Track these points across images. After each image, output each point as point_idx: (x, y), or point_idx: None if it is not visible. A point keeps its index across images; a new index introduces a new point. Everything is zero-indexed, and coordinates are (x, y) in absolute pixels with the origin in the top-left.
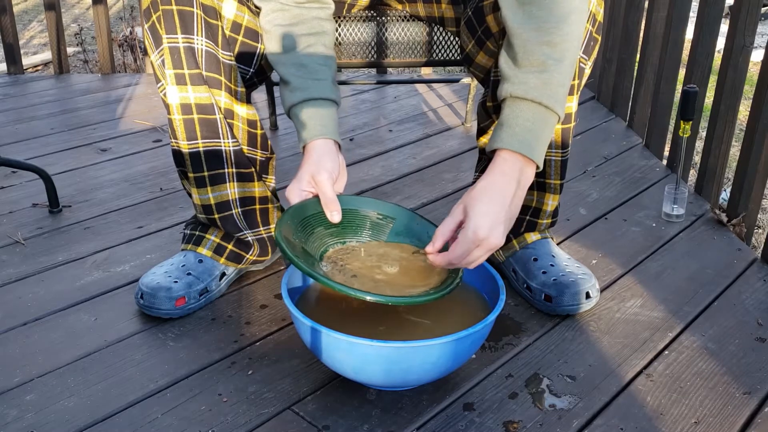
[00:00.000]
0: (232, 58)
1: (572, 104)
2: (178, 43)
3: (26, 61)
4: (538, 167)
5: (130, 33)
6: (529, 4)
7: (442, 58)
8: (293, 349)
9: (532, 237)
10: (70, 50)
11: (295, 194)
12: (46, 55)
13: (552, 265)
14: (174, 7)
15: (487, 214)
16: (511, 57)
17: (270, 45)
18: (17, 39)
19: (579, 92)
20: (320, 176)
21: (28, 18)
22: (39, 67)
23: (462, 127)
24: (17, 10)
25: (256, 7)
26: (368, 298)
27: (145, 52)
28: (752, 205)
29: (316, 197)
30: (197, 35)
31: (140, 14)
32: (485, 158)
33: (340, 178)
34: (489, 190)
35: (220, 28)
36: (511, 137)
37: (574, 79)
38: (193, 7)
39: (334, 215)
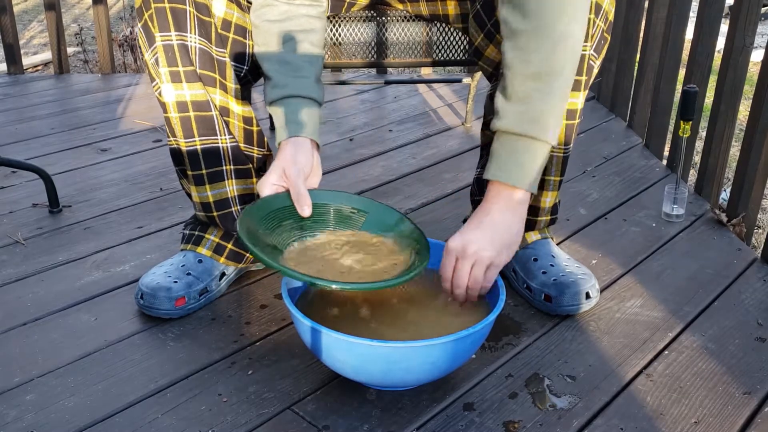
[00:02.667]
0: (226, 55)
1: (577, 100)
2: (171, 40)
3: (26, 61)
4: (531, 193)
5: (130, 33)
6: (519, 34)
7: (442, 58)
8: (293, 349)
9: (532, 237)
10: (70, 50)
11: (266, 187)
12: (46, 55)
13: (552, 265)
14: (167, 5)
15: (461, 232)
16: (502, 89)
17: (257, 39)
18: (17, 39)
19: (586, 89)
20: (291, 170)
21: (28, 18)
22: (39, 67)
23: (462, 127)
24: (17, 10)
25: (248, 1)
26: (333, 286)
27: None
28: (752, 205)
29: (287, 191)
30: (190, 33)
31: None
32: (486, 153)
33: (313, 174)
34: (471, 218)
35: (213, 26)
36: (497, 169)
37: (581, 75)
38: (185, 5)
39: (305, 209)
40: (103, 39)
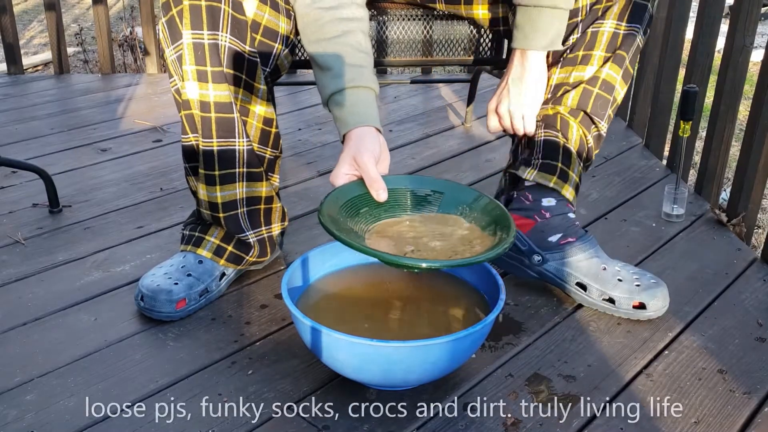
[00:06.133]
0: (257, 55)
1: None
2: (203, 39)
3: (26, 61)
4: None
5: (130, 33)
6: None
7: (443, 57)
8: (293, 349)
9: (577, 256)
10: (70, 50)
11: (339, 178)
12: (47, 55)
13: (618, 269)
14: (203, 3)
15: (497, 95)
16: None
17: (307, 28)
18: (17, 39)
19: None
20: (362, 157)
21: (28, 18)
22: (39, 67)
23: (462, 127)
24: (17, 10)
25: (285, 2)
26: (423, 264)
27: (145, 53)
28: (752, 205)
29: (361, 179)
30: (222, 31)
31: (140, 11)
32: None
33: (382, 160)
34: (503, 82)
35: (247, 24)
36: (523, 39)
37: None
38: (221, 3)
39: (380, 194)
40: (103, 39)
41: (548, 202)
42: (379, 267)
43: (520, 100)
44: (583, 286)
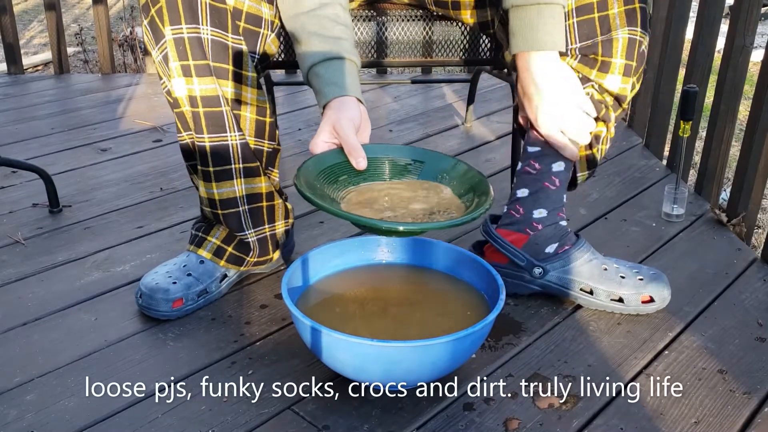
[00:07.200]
0: (242, 42)
1: (627, 85)
2: (182, 34)
3: (26, 61)
4: (559, 50)
5: (130, 33)
6: None
7: (443, 57)
8: (293, 349)
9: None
10: (70, 50)
11: (318, 146)
12: (47, 55)
13: (617, 266)
14: None
15: (542, 112)
16: None
17: (286, 3)
18: (17, 39)
19: (637, 74)
20: (341, 124)
21: (28, 18)
22: (39, 67)
23: (462, 127)
24: (17, 10)
25: None
26: (401, 228)
27: (145, 52)
28: (752, 205)
29: (340, 147)
30: (202, 24)
31: (140, 11)
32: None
33: (363, 129)
34: (525, 97)
35: (227, 12)
36: (523, 41)
37: (632, 60)
38: None
39: (360, 162)
40: (103, 39)
41: (539, 213)
42: (380, 267)
43: (554, 111)
44: (587, 291)
